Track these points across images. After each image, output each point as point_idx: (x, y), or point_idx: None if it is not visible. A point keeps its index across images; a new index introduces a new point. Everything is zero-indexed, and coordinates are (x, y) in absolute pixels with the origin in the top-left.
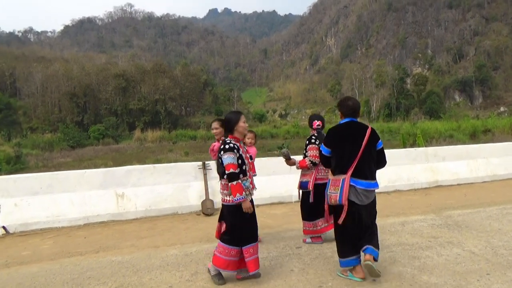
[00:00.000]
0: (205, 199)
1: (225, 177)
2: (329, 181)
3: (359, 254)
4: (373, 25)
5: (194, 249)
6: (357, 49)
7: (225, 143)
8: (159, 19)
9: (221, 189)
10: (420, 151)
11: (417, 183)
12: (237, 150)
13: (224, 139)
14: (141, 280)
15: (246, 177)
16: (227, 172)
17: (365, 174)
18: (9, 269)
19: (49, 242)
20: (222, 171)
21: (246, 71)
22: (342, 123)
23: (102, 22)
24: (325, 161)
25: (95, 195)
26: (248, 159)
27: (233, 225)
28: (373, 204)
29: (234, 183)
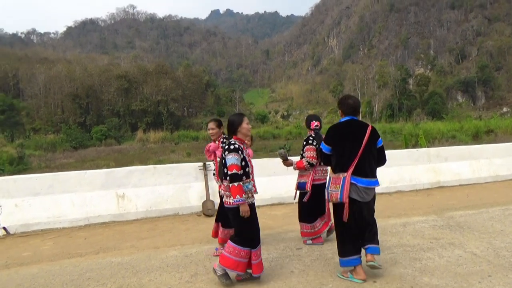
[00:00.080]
0: (206, 200)
1: (227, 178)
2: (329, 179)
3: (360, 254)
4: (375, 25)
5: (194, 250)
6: (359, 50)
7: (229, 143)
8: (161, 20)
9: (224, 190)
10: (422, 151)
11: (419, 183)
12: (241, 151)
13: (228, 140)
14: (140, 281)
15: (249, 180)
16: (230, 172)
17: (365, 172)
18: (9, 270)
19: (49, 243)
20: (225, 172)
21: (248, 72)
22: (342, 121)
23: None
24: (325, 159)
25: (96, 196)
26: (251, 162)
27: (241, 227)
28: (373, 200)
29: (235, 184)
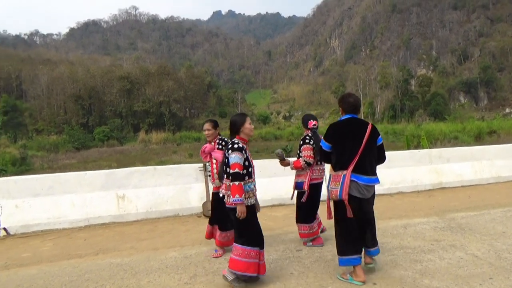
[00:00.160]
0: (206, 201)
1: (229, 177)
2: (330, 176)
3: (360, 254)
4: (377, 26)
5: (193, 252)
6: (361, 51)
7: (233, 143)
8: (163, 22)
9: (225, 190)
10: (424, 152)
11: (420, 185)
12: (245, 151)
13: (232, 140)
14: (139, 283)
15: (251, 180)
16: (232, 171)
17: (366, 169)
18: (9, 271)
19: (49, 243)
20: (227, 171)
21: (250, 73)
22: (343, 119)
23: (107, 24)
24: (325, 157)
25: (96, 197)
26: (252, 162)
27: (245, 227)
28: (373, 197)
29: (236, 183)
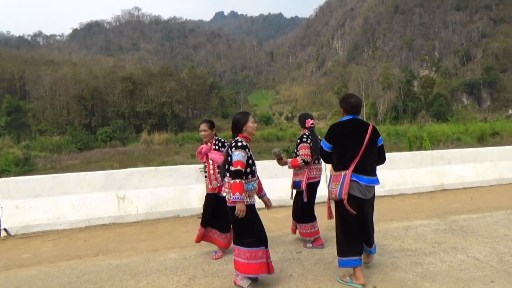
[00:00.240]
0: None
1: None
2: (330, 176)
3: (361, 256)
4: (379, 27)
5: (193, 253)
6: (364, 52)
7: (237, 141)
8: (166, 23)
9: (227, 189)
10: (425, 154)
11: (422, 186)
12: (248, 149)
13: (235, 139)
14: (138, 284)
15: (254, 179)
16: (234, 168)
17: (366, 170)
18: (8, 272)
19: (49, 244)
20: (229, 169)
21: (252, 74)
22: (344, 120)
23: (109, 25)
24: (326, 157)
25: (97, 198)
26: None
27: (246, 227)
28: (373, 198)
29: (237, 181)
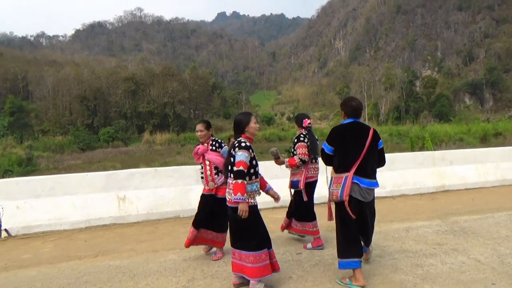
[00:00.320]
0: None
1: (231, 175)
2: (331, 179)
3: (361, 258)
4: (382, 27)
5: (192, 254)
6: (366, 52)
7: (240, 141)
8: (168, 23)
9: (228, 188)
10: (427, 155)
11: (423, 187)
12: (252, 150)
13: (238, 139)
14: (137, 285)
15: (257, 179)
16: (236, 168)
17: (367, 173)
18: (8, 272)
19: (50, 245)
20: (231, 169)
21: (254, 74)
22: (345, 123)
23: (112, 26)
24: (327, 159)
25: (97, 198)
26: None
27: (249, 228)
28: (373, 200)
29: (239, 181)
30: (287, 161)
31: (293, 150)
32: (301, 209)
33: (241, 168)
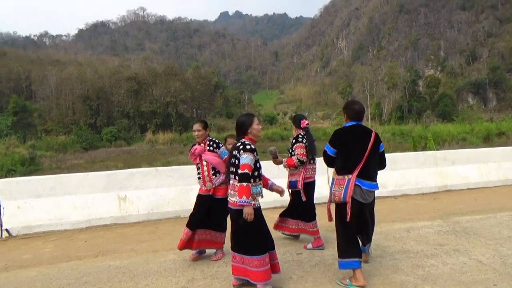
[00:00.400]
0: None
1: (236, 177)
2: (333, 180)
3: (361, 258)
4: (384, 27)
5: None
6: (369, 51)
7: (244, 144)
8: (171, 23)
9: (229, 190)
10: (428, 154)
11: (425, 187)
12: (256, 153)
13: (242, 141)
14: (136, 286)
15: (260, 182)
16: (241, 171)
17: (369, 175)
18: (8, 272)
19: (50, 245)
20: (233, 170)
21: (257, 74)
22: (348, 125)
23: (115, 25)
24: (330, 161)
25: (98, 198)
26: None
27: (253, 229)
28: (373, 201)
29: (244, 184)
30: (285, 161)
31: (291, 150)
32: (299, 208)
33: (246, 171)
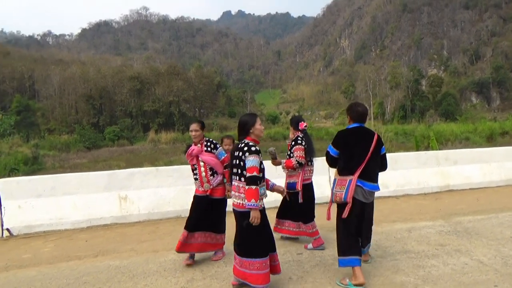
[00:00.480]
0: None
1: (242, 179)
2: (335, 180)
3: (360, 256)
4: (387, 26)
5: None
6: (371, 51)
7: (249, 145)
8: (173, 22)
9: (233, 191)
10: (430, 154)
11: (427, 187)
12: (261, 154)
13: (245, 141)
14: (136, 286)
15: (264, 183)
16: (249, 174)
17: (370, 176)
18: (8, 272)
19: (50, 245)
20: (238, 172)
21: (259, 73)
22: (351, 127)
23: (118, 25)
24: (332, 162)
25: (99, 198)
26: None
27: (258, 231)
28: (372, 202)
29: (253, 187)
30: (283, 162)
31: (290, 152)
32: (296, 209)
33: (255, 173)
